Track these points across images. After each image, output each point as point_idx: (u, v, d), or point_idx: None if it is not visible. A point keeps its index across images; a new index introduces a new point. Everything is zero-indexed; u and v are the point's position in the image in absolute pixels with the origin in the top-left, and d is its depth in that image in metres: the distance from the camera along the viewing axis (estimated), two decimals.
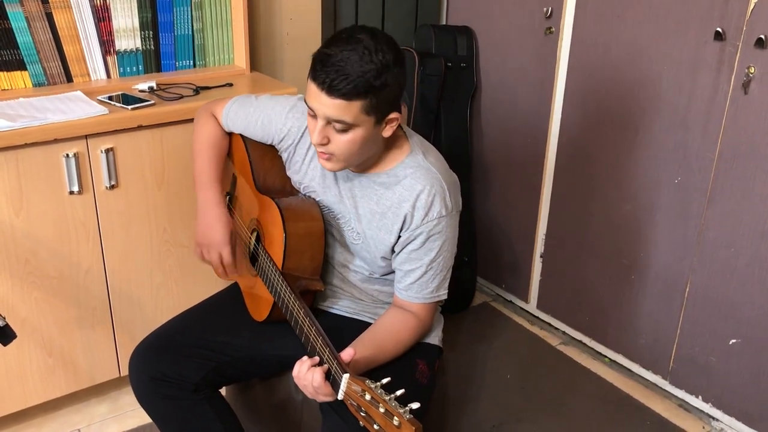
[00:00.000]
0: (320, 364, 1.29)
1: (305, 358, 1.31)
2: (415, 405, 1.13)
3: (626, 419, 2.17)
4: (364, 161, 1.45)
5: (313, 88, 1.30)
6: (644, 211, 2.19)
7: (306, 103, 1.35)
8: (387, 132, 1.38)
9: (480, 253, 2.72)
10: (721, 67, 1.91)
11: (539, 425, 2.12)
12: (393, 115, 1.35)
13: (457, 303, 2.63)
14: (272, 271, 1.47)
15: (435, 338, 1.59)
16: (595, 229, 2.35)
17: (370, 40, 1.29)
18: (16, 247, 1.82)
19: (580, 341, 2.50)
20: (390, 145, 1.46)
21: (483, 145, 2.67)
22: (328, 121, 1.32)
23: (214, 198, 1.62)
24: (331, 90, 1.27)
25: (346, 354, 1.28)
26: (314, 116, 1.34)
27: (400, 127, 1.49)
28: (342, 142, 1.34)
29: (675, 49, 2.01)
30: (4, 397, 1.93)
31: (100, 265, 1.96)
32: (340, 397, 1.24)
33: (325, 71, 1.27)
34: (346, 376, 1.22)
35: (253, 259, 1.59)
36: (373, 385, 1.17)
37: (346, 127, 1.32)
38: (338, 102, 1.28)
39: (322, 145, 1.35)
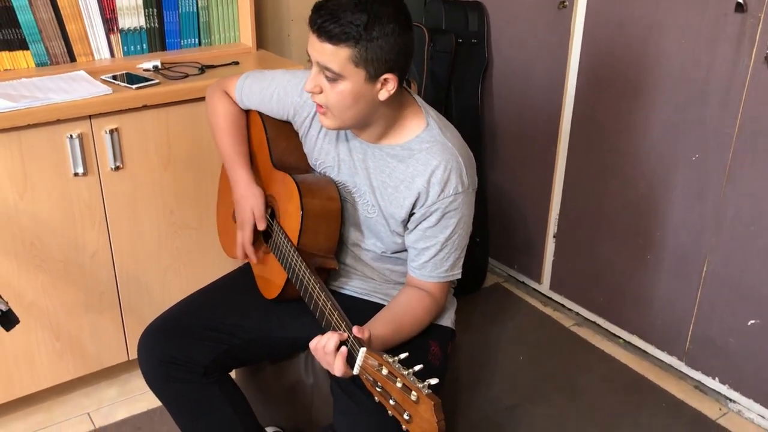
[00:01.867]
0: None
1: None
2: (434, 380, 1.10)
3: (641, 401, 2.14)
4: (373, 128, 1.42)
5: (310, 33, 1.31)
6: (661, 188, 2.15)
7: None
8: (383, 95, 1.34)
9: (492, 233, 2.68)
10: (742, 39, 1.85)
11: (553, 407, 2.10)
12: (388, 76, 1.32)
13: (469, 284, 2.60)
14: (287, 247, 1.45)
15: (448, 320, 1.56)
16: (610, 208, 2.31)
17: None
18: (21, 230, 1.80)
19: (594, 322, 2.47)
20: (405, 117, 1.43)
21: (495, 122, 2.62)
22: (320, 69, 1.32)
23: (245, 175, 1.60)
24: (320, 32, 1.28)
25: (359, 333, 1.26)
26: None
27: (416, 100, 1.46)
28: (333, 93, 1.33)
29: (693, 21, 1.95)
30: (14, 381, 1.92)
31: (107, 248, 1.94)
32: (356, 371, 1.22)
33: (319, 13, 1.29)
34: (363, 350, 1.20)
35: (266, 235, 1.57)
36: (390, 360, 1.15)
37: (335, 77, 1.31)
38: (326, 46, 1.28)
39: (314, 93, 1.36)
